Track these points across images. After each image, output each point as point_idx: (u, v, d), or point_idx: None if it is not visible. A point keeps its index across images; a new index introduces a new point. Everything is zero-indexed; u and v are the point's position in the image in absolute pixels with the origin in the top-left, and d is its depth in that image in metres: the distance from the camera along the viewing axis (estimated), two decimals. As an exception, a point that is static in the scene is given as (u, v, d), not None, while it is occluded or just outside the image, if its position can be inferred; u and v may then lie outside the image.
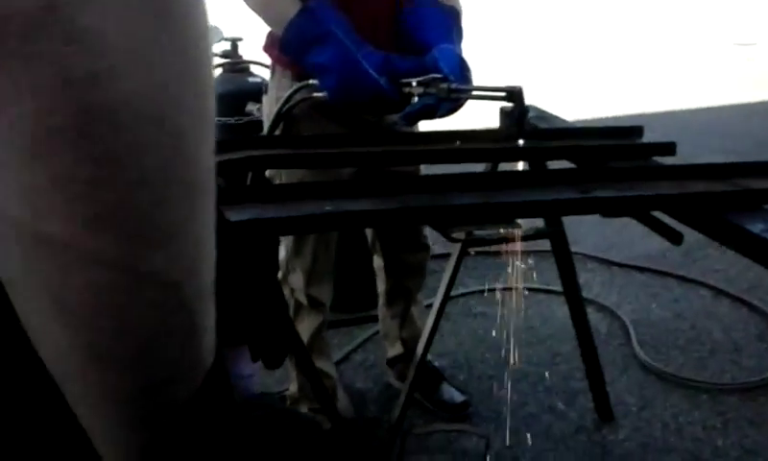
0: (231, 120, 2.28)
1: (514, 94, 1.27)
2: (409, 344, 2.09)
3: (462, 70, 1.36)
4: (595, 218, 1.38)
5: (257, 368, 0.76)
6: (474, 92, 1.33)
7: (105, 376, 0.30)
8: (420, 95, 1.31)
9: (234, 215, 0.93)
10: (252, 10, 1.47)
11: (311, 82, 1.40)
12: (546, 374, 2.34)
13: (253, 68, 2.39)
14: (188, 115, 0.30)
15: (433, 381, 2.17)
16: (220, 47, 2.33)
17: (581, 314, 1.99)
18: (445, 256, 3.14)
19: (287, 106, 1.45)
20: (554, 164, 1.35)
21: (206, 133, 0.32)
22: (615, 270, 3.01)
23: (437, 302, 1.84)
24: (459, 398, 2.14)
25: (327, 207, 0.99)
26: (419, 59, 1.39)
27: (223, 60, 2.32)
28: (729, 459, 1.97)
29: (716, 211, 1.03)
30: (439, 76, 1.30)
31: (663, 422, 2.13)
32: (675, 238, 1.06)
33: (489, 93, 1.33)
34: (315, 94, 1.40)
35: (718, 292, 2.81)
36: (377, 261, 2.04)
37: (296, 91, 1.44)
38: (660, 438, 2.06)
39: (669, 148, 1.27)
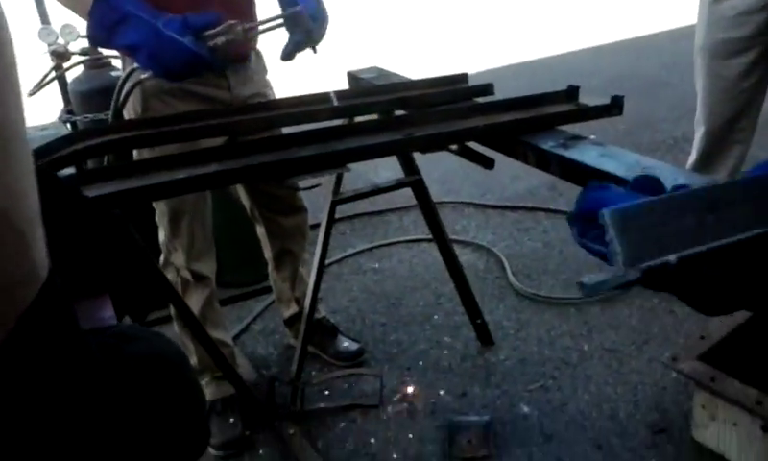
0: (101, 115, 2.32)
1: (295, 18, 1.42)
2: (302, 302, 2.22)
3: (318, 10, 1.50)
4: (469, 167, 1.55)
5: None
6: (264, 26, 1.47)
7: None
8: (222, 43, 1.40)
9: (93, 192, 1.04)
10: (64, 5, 1.51)
11: (135, 66, 1.49)
12: (432, 314, 2.54)
13: (116, 62, 2.42)
14: None
15: (328, 336, 2.32)
16: (78, 45, 2.34)
17: (450, 254, 2.19)
18: (336, 221, 3.29)
19: (122, 96, 1.53)
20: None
21: (11, 90, 0.44)
22: (490, 212, 3.25)
23: (315, 257, 1.98)
24: (354, 346, 2.31)
25: (180, 175, 1.11)
26: (210, 11, 1.47)
27: (83, 58, 2.34)
28: (593, 360, 2.24)
29: (517, 135, 1.22)
30: (234, 22, 1.40)
31: (538, 338, 2.38)
32: (487, 164, 1.24)
33: (274, 23, 1.48)
34: (142, 76, 1.49)
35: (582, 219, 3.10)
36: (259, 229, 2.16)
37: (125, 80, 1.53)
38: (535, 352, 2.31)
39: (487, 89, 1.46)
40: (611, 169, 1.08)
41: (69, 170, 1.19)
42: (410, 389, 2.14)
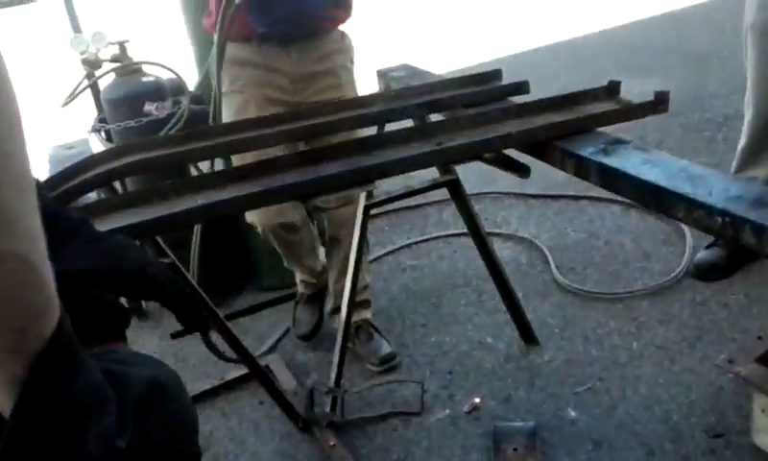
0: (132, 122, 2.31)
1: None
2: (338, 297, 2.20)
3: None
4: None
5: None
6: None
7: None
8: None
9: (103, 225, 1.01)
10: None
11: None
12: (474, 313, 2.47)
13: (146, 67, 2.41)
14: None
15: (367, 339, 2.28)
16: (108, 52, 2.34)
17: (489, 253, 2.11)
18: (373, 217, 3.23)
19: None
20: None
21: (20, 135, 0.44)
22: (531, 202, 3.15)
23: (351, 259, 1.94)
24: (386, 349, 2.26)
25: (200, 201, 1.07)
26: None
27: (113, 65, 2.33)
28: (642, 359, 2.14)
29: (554, 140, 1.14)
30: None
31: (584, 336, 2.29)
32: (523, 172, 1.17)
33: None
34: None
35: (627, 206, 2.98)
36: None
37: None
38: (581, 352, 2.22)
39: (521, 87, 1.38)
40: (653, 178, 1.00)
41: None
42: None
